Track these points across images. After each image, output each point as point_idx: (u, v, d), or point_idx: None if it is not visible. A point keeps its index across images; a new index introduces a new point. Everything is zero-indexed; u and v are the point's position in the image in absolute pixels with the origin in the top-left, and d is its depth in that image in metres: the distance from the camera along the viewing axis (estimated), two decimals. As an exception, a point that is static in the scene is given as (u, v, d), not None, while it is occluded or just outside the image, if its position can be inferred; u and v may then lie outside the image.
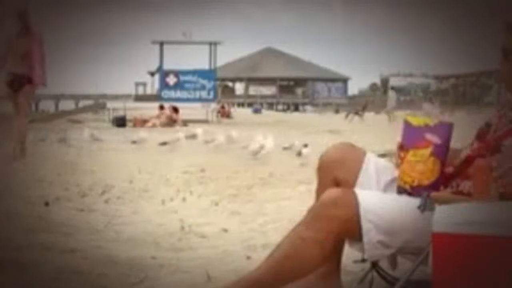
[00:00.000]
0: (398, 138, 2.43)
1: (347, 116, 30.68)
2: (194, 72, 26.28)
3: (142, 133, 11.98)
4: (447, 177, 2.33)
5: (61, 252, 3.43)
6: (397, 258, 2.42)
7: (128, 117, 22.08)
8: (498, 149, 2.24)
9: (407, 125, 2.41)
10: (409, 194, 2.31)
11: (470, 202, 2.08)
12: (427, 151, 2.32)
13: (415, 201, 2.18)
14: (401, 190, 2.36)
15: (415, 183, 2.31)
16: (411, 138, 2.37)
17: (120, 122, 21.01)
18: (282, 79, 63.45)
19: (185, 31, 28.20)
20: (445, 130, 2.35)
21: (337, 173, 2.55)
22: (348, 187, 2.43)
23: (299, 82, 64.04)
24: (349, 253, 2.56)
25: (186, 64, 27.63)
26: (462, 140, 2.55)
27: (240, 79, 64.15)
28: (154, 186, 6.28)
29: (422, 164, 2.31)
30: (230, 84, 64.87)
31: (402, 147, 2.39)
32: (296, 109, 56.65)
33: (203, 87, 26.02)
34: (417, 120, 2.41)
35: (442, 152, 2.33)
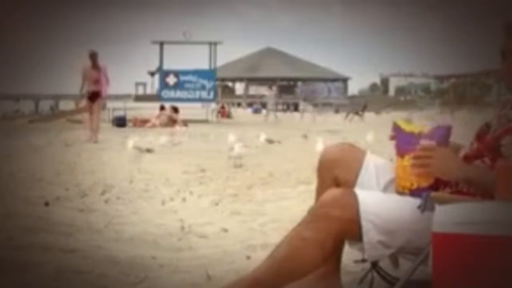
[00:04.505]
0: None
1: (347, 116, 30.69)
2: (194, 72, 26.25)
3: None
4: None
5: (61, 252, 3.43)
6: (397, 257, 2.42)
7: (128, 117, 22.08)
8: (496, 149, 2.24)
9: (399, 131, 2.39)
10: (409, 195, 2.31)
11: (470, 202, 2.08)
12: None
13: (415, 201, 2.18)
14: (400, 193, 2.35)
15: (414, 186, 2.30)
16: (405, 144, 2.35)
17: (120, 122, 21.01)
18: (282, 79, 63.42)
19: (185, 31, 28.10)
20: (442, 133, 2.34)
21: (337, 173, 2.55)
22: (348, 187, 2.43)
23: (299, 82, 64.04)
24: (349, 253, 2.56)
25: (186, 64, 27.61)
26: (462, 140, 2.54)
27: (240, 79, 64.13)
28: (154, 186, 6.28)
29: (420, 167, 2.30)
30: (230, 84, 64.85)
31: (397, 153, 2.38)
32: (296, 109, 56.65)
33: (203, 87, 25.99)
34: (410, 126, 2.39)
35: None
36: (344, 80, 66.28)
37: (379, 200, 2.28)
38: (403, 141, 2.37)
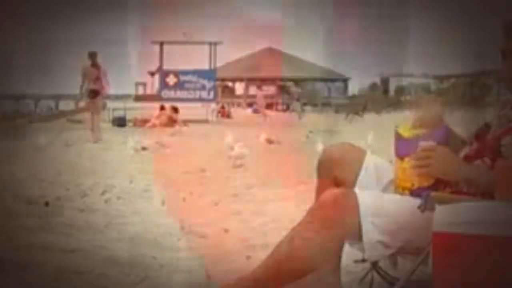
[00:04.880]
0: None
1: (347, 116, 30.65)
2: (194, 72, 26.19)
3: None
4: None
5: (61, 252, 3.44)
6: (397, 257, 2.42)
7: (128, 117, 22.07)
8: (496, 149, 2.24)
9: (399, 137, 2.39)
10: (410, 195, 2.31)
11: (470, 202, 2.08)
12: None
13: (415, 201, 2.18)
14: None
15: (415, 187, 2.30)
16: (404, 149, 2.35)
17: (120, 122, 21.01)
18: (282, 79, 63.36)
19: (185, 31, 28.10)
20: (442, 133, 2.34)
21: (337, 173, 2.55)
22: (348, 187, 2.43)
23: (299, 82, 63.96)
24: (349, 253, 2.55)
25: (186, 64, 27.53)
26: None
27: (240, 79, 64.06)
28: (154, 186, 6.29)
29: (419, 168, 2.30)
30: (230, 84, 64.82)
31: (396, 155, 2.38)
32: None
33: (203, 87, 25.96)
34: (408, 131, 2.39)
35: None
36: (344, 80, 66.15)
37: (379, 200, 2.28)
38: (402, 143, 2.37)
